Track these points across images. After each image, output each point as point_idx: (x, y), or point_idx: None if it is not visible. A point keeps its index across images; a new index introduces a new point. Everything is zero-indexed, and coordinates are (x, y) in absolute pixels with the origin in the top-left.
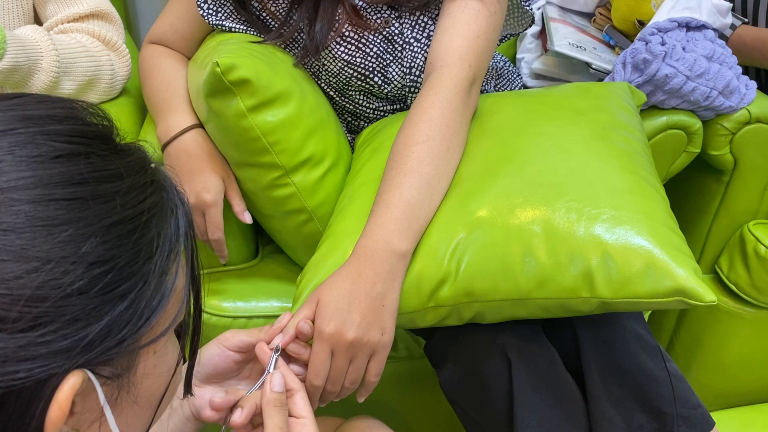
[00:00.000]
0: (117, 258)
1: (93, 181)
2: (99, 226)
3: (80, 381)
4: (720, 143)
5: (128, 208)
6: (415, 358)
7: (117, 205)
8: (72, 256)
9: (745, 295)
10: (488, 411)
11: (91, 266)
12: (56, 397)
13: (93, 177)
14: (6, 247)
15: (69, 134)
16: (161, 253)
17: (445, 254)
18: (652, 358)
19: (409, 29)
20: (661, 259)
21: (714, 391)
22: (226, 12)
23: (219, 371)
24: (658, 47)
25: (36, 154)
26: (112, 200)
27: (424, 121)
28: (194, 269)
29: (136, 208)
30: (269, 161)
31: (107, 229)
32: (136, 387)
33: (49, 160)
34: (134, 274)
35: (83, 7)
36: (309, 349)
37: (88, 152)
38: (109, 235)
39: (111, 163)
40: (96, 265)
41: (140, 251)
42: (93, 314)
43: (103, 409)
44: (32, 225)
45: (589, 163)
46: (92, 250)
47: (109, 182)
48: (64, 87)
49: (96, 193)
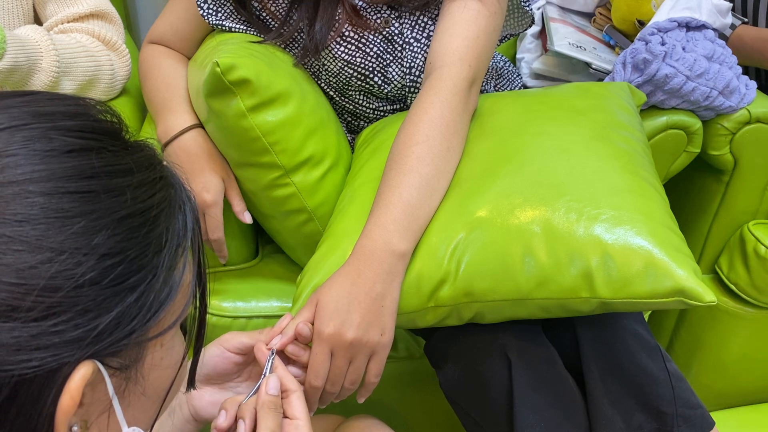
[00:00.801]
0: (127, 250)
1: (105, 175)
2: (110, 219)
3: (90, 371)
4: (720, 143)
5: (138, 202)
6: (415, 358)
7: (128, 199)
8: (84, 248)
9: (745, 295)
10: (488, 411)
11: (103, 258)
12: (67, 387)
13: (105, 171)
14: (21, 237)
15: (80, 130)
16: (170, 248)
17: (444, 254)
18: (652, 358)
19: (409, 29)
20: (660, 259)
21: (714, 391)
22: (226, 12)
23: (219, 372)
24: (658, 47)
25: (49, 149)
26: (123, 194)
27: (423, 121)
28: (201, 265)
29: (146, 202)
30: (269, 161)
31: (118, 222)
32: (143, 379)
33: (62, 154)
34: (144, 267)
35: (83, 7)
36: (308, 351)
37: (100, 147)
38: (120, 228)
39: (122, 158)
40: (107, 257)
41: (150, 245)
42: (104, 305)
43: (112, 400)
44: (46, 216)
45: (589, 163)
46: (104, 242)
47: (120, 177)
48: (64, 87)
49: (108, 187)
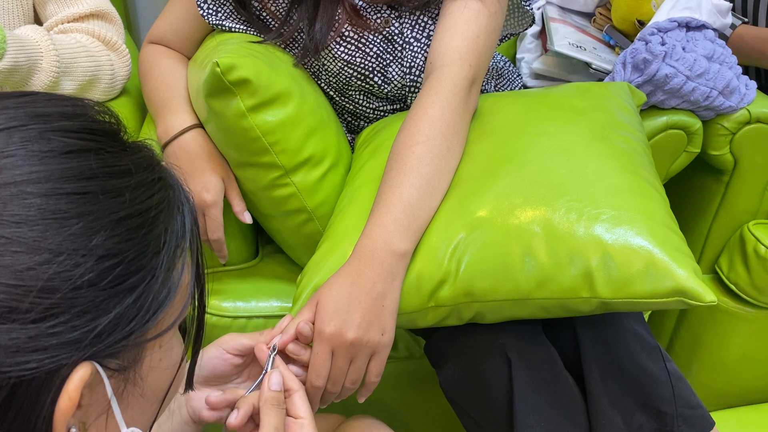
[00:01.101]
0: (126, 252)
1: (103, 176)
2: (108, 219)
3: (89, 372)
4: (720, 143)
5: (137, 203)
6: (415, 358)
7: (126, 200)
8: (82, 249)
9: (745, 295)
10: (488, 411)
11: (101, 259)
12: (66, 388)
13: (103, 172)
14: (18, 238)
15: (79, 131)
16: (168, 249)
17: (445, 254)
18: (652, 358)
19: (409, 29)
20: (661, 259)
21: (714, 391)
22: (226, 12)
23: (218, 374)
24: (658, 47)
25: (47, 149)
26: (121, 195)
27: (424, 121)
28: (199, 266)
29: (145, 203)
30: (269, 161)
31: (116, 223)
32: (142, 380)
33: (60, 155)
34: (142, 268)
35: (83, 7)
36: (309, 350)
37: (98, 148)
38: (118, 229)
39: (120, 159)
40: (105, 258)
41: (148, 246)
42: (102, 306)
43: (110, 401)
44: (44, 218)
45: (589, 163)
46: (102, 243)
47: (118, 178)
48: (64, 87)
49: (106, 188)
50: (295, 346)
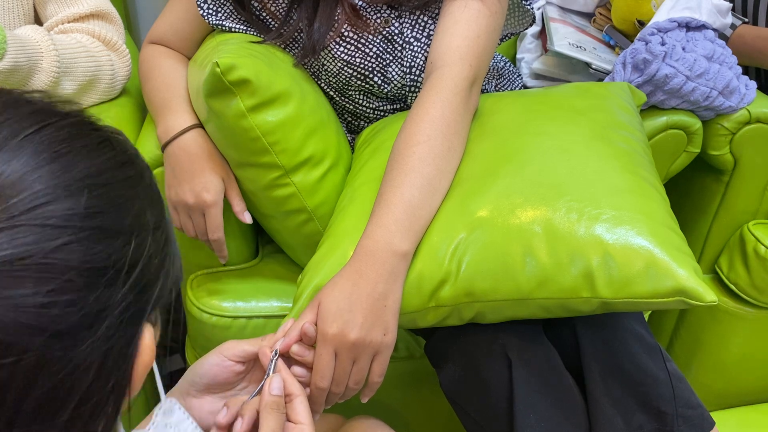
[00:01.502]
0: (162, 220)
1: (128, 162)
2: (146, 197)
3: (152, 328)
4: (720, 143)
5: (148, 180)
6: (415, 358)
7: (147, 178)
8: (145, 226)
9: (745, 295)
10: (488, 411)
11: (155, 231)
12: (143, 344)
13: (127, 157)
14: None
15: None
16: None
17: (445, 254)
18: (652, 358)
19: (409, 29)
20: (661, 259)
21: (714, 391)
22: (226, 12)
23: (218, 381)
24: (658, 47)
25: (86, 144)
26: (142, 178)
27: (425, 121)
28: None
29: (151, 185)
30: (269, 161)
31: (151, 198)
32: None
33: (95, 148)
34: (169, 235)
35: (83, 7)
36: (312, 351)
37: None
38: (154, 203)
39: (119, 152)
40: (157, 230)
41: (164, 210)
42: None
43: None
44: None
45: (589, 163)
46: (150, 219)
47: (130, 163)
48: (65, 87)
49: (132, 172)
50: (299, 348)
